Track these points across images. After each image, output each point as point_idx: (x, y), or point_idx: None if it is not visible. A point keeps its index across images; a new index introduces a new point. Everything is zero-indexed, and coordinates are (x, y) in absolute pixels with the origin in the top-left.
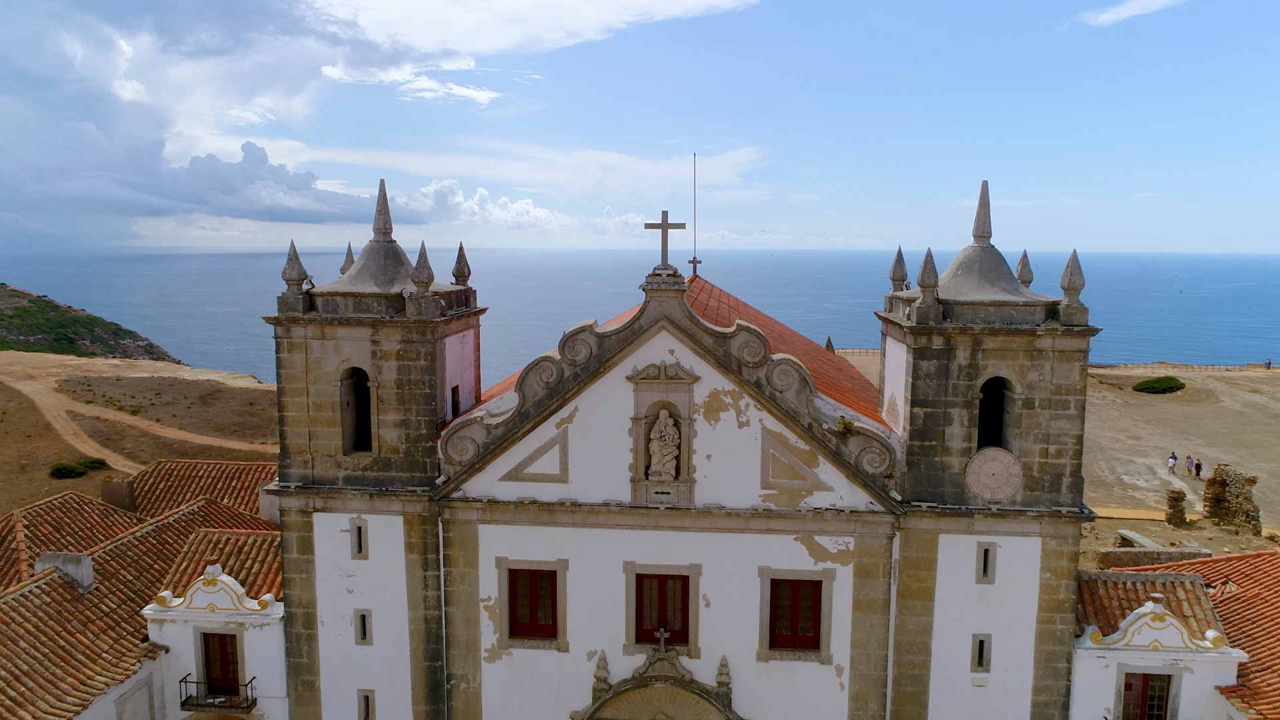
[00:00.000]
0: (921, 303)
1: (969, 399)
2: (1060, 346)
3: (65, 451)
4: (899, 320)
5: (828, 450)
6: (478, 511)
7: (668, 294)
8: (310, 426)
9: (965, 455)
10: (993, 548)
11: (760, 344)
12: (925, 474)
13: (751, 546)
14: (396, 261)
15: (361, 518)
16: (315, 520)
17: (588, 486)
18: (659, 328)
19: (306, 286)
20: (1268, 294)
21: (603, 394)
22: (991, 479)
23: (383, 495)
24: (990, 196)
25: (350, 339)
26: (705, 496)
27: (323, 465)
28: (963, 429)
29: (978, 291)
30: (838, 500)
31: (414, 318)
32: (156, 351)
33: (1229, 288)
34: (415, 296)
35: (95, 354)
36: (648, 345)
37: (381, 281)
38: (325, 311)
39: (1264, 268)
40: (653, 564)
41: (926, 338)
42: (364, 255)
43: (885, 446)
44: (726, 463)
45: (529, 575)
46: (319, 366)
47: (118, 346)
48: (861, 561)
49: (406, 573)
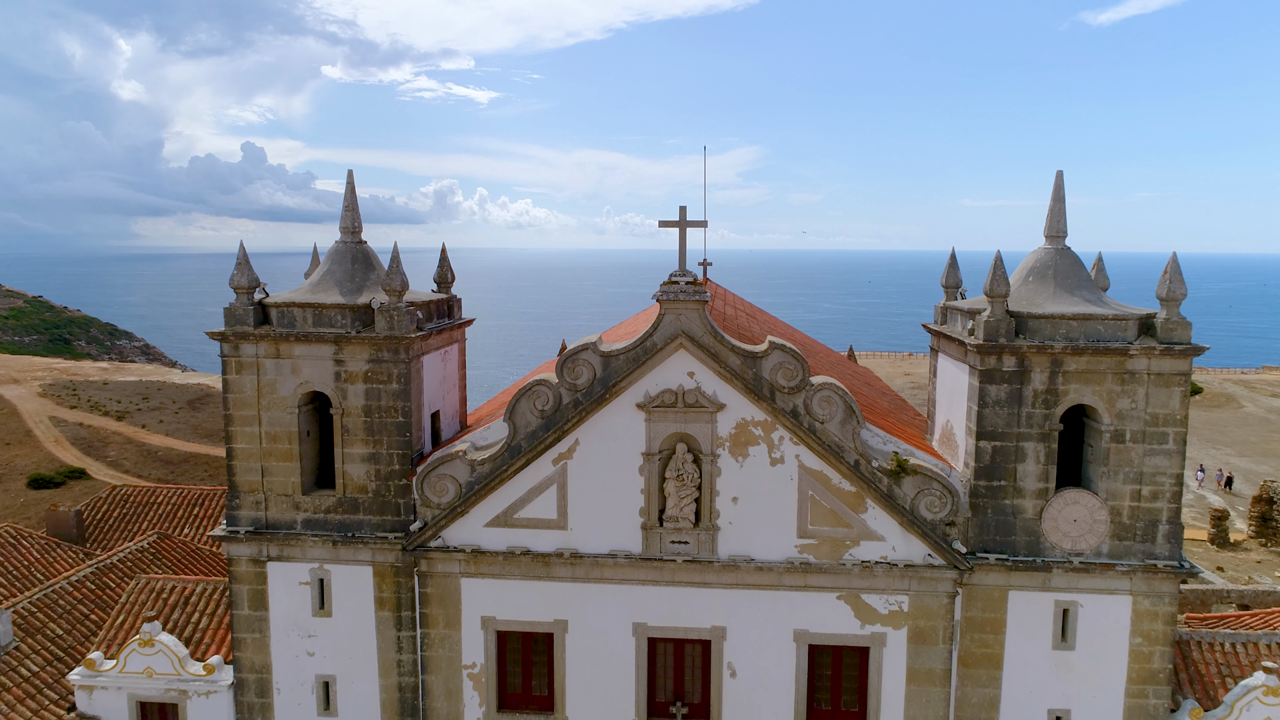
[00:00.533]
0: (990, 316)
1: (1046, 431)
2: (1157, 368)
3: (44, 460)
4: (958, 336)
5: (878, 492)
6: (460, 563)
7: (687, 306)
8: (263, 461)
9: (1041, 498)
10: (1073, 607)
11: (798, 365)
12: (993, 520)
13: (786, 606)
14: (366, 266)
15: (324, 568)
16: (270, 571)
17: (591, 534)
18: (676, 346)
19: (259, 295)
20: (1268, 294)
21: (608, 424)
22: (1072, 526)
23: (349, 542)
24: (991, 196)
25: (310, 358)
26: (731, 546)
27: (278, 506)
28: (1038, 466)
29: (1055, 302)
30: (889, 552)
31: (384, 333)
32: (153, 352)
33: (1229, 288)
34: (386, 308)
35: (91, 355)
36: (663, 367)
37: (348, 290)
38: (280, 325)
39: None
40: (668, 626)
41: (996, 357)
42: (328, 259)
43: (947, 488)
44: (756, 507)
45: (521, 639)
46: (273, 390)
47: (113, 347)
48: (917, 624)
49: (377, 633)
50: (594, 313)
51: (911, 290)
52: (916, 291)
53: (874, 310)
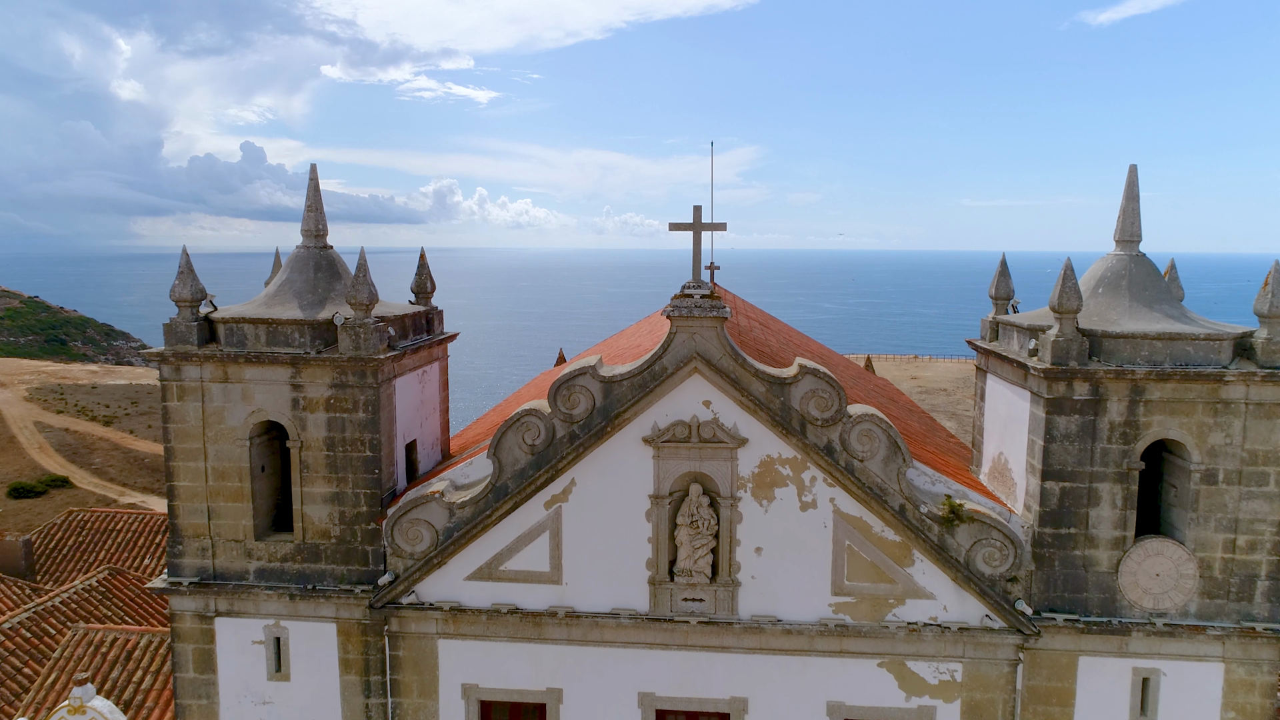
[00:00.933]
0: (1059, 335)
1: (1125, 470)
2: (1257, 397)
3: (27, 468)
4: (1016, 357)
5: (927, 542)
6: (437, 622)
7: (703, 324)
8: (210, 501)
9: (1117, 548)
10: (1154, 676)
11: (832, 393)
12: (1061, 574)
13: (818, 674)
14: (331, 275)
15: (281, 625)
16: (218, 628)
17: (589, 589)
18: (690, 371)
19: (205, 309)
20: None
21: (610, 462)
22: (1154, 581)
23: (309, 595)
24: (991, 196)
25: (263, 382)
26: (754, 605)
27: (228, 554)
28: (1114, 511)
29: (1132, 318)
30: (940, 612)
31: (349, 353)
32: None
33: (1229, 288)
34: (350, 324)
35: (87, 355)
36: (674, 395)
37: (309, 303)
38: (229, 344)
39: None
40: (679, 697)
41: (1066, 384)
42: (287, 266)
43: (1008, 538)
44: (784, 559)
45: (509, 710)
46: (221, 420)
47: (110, 348)
48: (973, 696)
49: (342, 700)
50: (593, 313)
51: (911, 290)
52: (917, 292)
53: (874, 310)
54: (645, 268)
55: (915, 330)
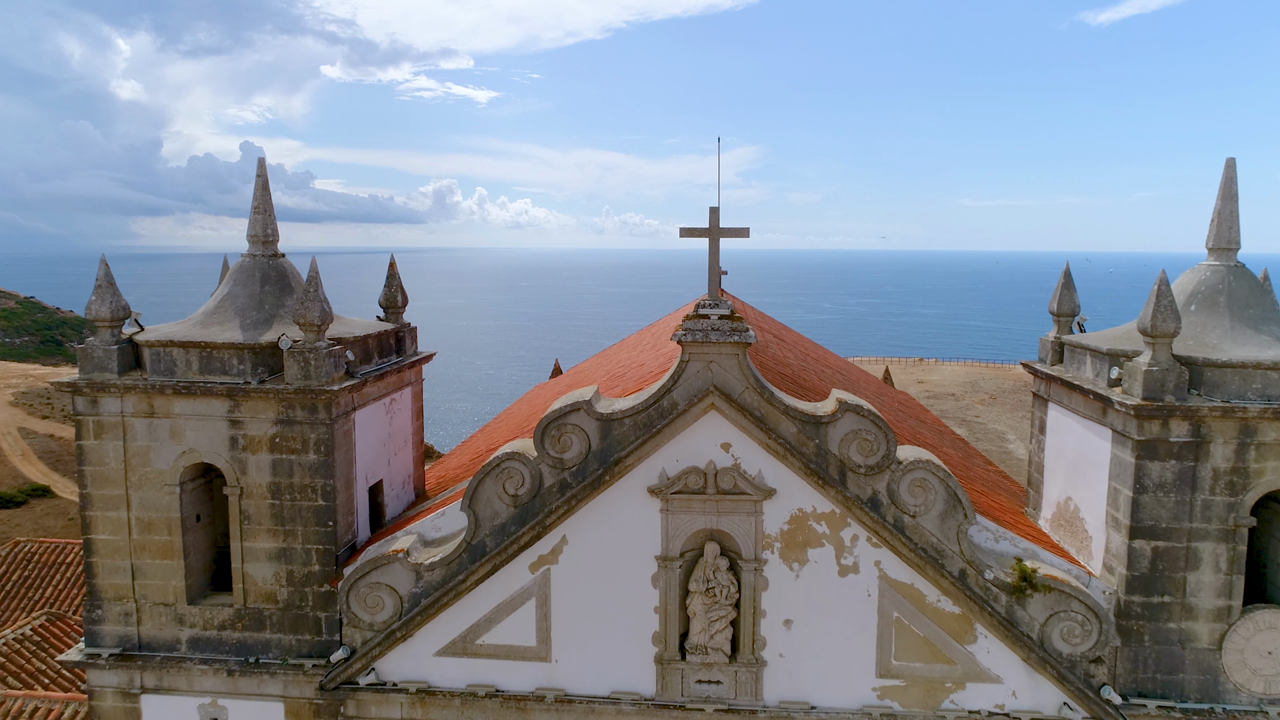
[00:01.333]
0: (1153, 363)
1: (1231, 527)
2: None
3: (8, 476)
4: (1094, 387)
5: (993, 615)
6: (402, 705)
7: (722, 350)
8: (134, 557)
9: (1221, 620)
10: None
11: (879, 435)
12: (1152, 652)
13: None
14: (281, 289)
15: (219, 704)
16: (144, 707)
17: (584, 668)
18: (706, 408)
19: (129, 330)
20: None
21: (609, 516)
22: (1266, 661)
23: (251, 670)
24: (990, 196)
25: (196, 417)
26: (782, 689)
27: (155, 620)
28: (1218, 577)
29: (1237, 342)
30: (1009, 699)
31: (297, 383)
32: None
33: None
34: (299, 349)
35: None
36: (686, 436)
37: (252, 322)
38: (157, 373)
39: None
40: None
41: (1162, 423)
42: (230, 278)
43: (1091, 610)
44: (819, 633)
45: None
46: (146, 462)
47: None
48: None
49: None
50: (593, 313)
51: (911, 290)
52: (917, 292)
53: (874, 310)
54: (645, 268)
55: (916, 331)
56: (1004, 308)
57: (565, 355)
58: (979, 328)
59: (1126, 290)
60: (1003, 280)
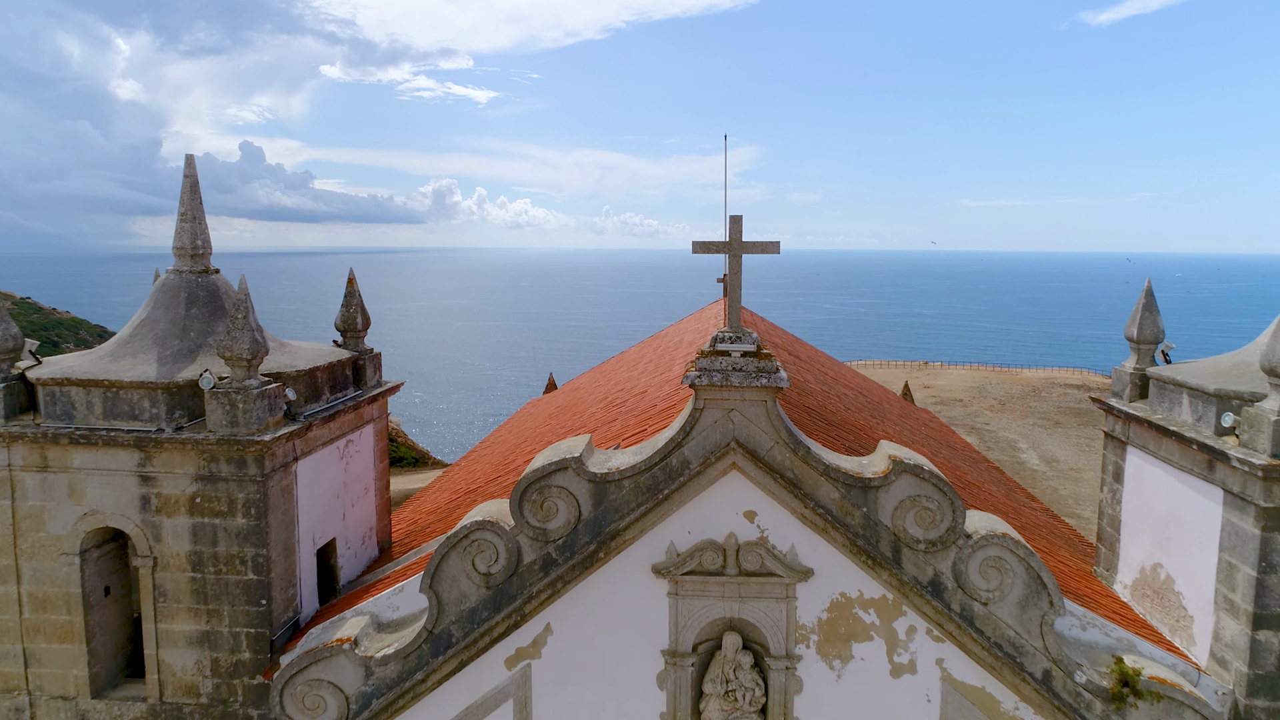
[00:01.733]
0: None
1: None
2: None
3: None
4: (1201, 437)
5: None
6: None
7: (745, 395)
8: (28, 641)
9: None
10: None
11: (943, 503)
12: None
13: None
14: (212, 313)
15: None
16: None
17: None
18: (726, 468)
19: (26, 364)
20: (1268, 294)
21: (603, 601)
22: None
23: None
24: (990, 196)
25: (99, 472)
26: None
27: (53, 717)
28: None
29: None
30: None
31: (221, 431)
32: None
33: (1229, 288)
34: (223, 389)
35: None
36: (701, 503)
37: (173, 353)
38: (53, 417)
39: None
40: None
41: None
42: (150, 300)
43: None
44: None
45: None
46: (40, 526)
47: None
48: None
49: None
50: (593, 313)
51: (911, 291)
52: (917, 292)
53: (874, 311)
54: (644, 268)
55: (917, 331)
56: (1004, 308)
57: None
58: (980, 328)
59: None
60: (1002, 280)
